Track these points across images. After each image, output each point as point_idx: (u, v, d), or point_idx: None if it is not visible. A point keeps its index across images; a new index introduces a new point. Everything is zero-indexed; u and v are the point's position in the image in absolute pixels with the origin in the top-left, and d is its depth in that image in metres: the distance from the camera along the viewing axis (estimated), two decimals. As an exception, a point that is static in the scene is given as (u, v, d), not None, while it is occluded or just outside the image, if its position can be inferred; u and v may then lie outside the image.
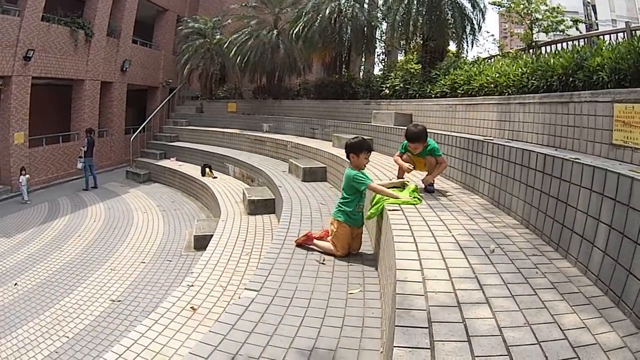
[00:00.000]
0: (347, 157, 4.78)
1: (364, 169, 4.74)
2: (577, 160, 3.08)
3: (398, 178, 5.14)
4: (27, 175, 15.05)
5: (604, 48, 4.97)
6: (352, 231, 4.66)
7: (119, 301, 6.80)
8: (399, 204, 4.30)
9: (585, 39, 8.21)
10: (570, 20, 9.72)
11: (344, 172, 4.81)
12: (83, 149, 16.29)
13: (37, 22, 15.86)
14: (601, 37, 7.47)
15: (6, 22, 14.78)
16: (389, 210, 4.07)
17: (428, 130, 5.14)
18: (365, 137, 8.97)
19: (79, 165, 16.43)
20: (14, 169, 15.65)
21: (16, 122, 15.77)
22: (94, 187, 16.21)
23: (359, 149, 4.66)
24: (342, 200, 4.74)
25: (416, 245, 3.13)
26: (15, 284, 7.80)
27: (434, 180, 5.08)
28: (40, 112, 17.41)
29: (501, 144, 4.52)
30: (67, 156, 18.11)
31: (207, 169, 13.64)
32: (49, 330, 6.12)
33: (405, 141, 5.06)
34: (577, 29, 9.78)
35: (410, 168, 5.03)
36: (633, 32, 7.16)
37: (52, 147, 17.83)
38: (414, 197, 4.50)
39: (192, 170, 14.62)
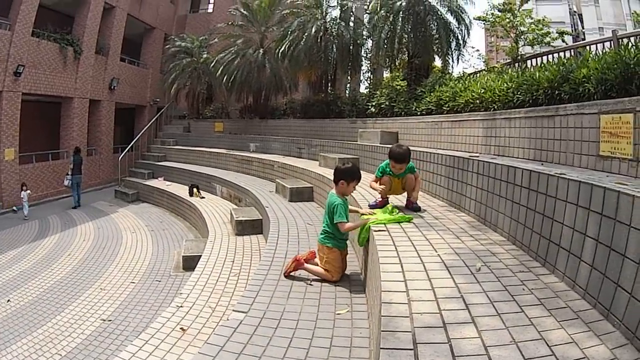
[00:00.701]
0: (335, 181, 4.60)
1: (347, 196, 4.67)
2: (562, 176, 3.08)
3: (382, 198, 5.10)
4: (29, 191, 15.05)
5: (590, 59, 4.96)
6: (342, 254, 4.57)
7: (110, 321, 6.76)
8: (384, 223, 4.28)
9: (572, 50, 8.23)
10: (556, 32, 9.77)
11: (327, 197, 4.64)
12: (70, 167, 16.46)
13: (28, 37, 15.89)
14: (587, 47, 7.43)
15: (-3, 36, 14.77)
16: (375, 230, 4.05)
17: (413, 148, 5.14)
18: (352, 157, 9.14)
19: (66, 183, 16.45)
20: (5, 186, 15.61)
21: (6, 138, 15.73)
22: (78, 206, 16.18)
23: (350, 177, 4.53)
24: (329, 228, 4.55)
25: (402, 266, 3.11)
26: (8, 300, 7.77)
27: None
28: (30, 129, 17.37)
29: (486, 161, 4.53)
30: (57, 174, 18.02)
31: (195, 189, 13.60)
32: (42, 348, 6.10)
33: (383, 164, 5.01)
34: (563, 40, 9.85)
35: (384, 188, 4.94)
36: (620, 40, 7.03)
37: (42, 165, 17.79)
38: (397, 214, 4.51)
39: (180, 190, 14.57)
